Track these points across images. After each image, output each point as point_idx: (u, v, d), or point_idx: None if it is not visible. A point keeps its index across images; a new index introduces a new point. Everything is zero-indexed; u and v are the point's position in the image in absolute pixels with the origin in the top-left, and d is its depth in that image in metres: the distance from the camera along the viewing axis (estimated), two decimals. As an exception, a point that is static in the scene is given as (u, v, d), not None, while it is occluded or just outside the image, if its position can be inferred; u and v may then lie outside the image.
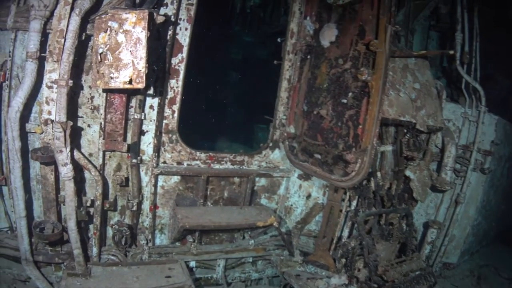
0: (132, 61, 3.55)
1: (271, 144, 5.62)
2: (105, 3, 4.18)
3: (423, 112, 4.99)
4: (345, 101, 4.64)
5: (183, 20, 4.75)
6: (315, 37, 5.23)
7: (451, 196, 6.10)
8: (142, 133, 4.74)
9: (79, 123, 4.50)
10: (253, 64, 10.24)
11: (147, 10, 3.52)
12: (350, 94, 4.59)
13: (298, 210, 5.78)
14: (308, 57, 5.34)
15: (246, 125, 9.40)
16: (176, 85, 4.87)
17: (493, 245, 8.01)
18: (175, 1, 4.55)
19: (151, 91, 4.62)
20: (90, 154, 4.60)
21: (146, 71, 3.55)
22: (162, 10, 4.51)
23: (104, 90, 4.19)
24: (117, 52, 3.55)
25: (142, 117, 4.59)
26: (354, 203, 5.30)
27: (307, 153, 5.16)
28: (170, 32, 4.57)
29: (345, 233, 5.42)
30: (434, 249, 6.18)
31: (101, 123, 4.38)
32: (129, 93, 4.36)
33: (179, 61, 4.83)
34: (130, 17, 3.51)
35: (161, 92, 4.71)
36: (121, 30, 3.52)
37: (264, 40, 10.10)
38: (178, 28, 4.73)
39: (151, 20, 3.66)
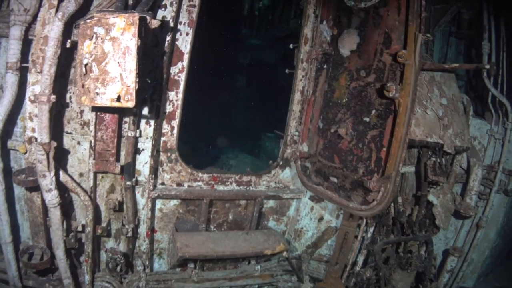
0: (121, 74, 2.90)
1: (281, 163, 4.93)
2: (95, 5, 3.54)
3: (451, 132, 4.33)
4: (367, 119, 3.97)
5: (184, 24, 4.09)
6: (333, 45, 4.52)
7: (472, 220, 5.44)
8: (137, 151, 4.11)
9: (68, 140, 3.90)
10: (261, 68, 9.61)
11: (138, 14, 2.86)
12: (373, 111, 3.92)
13: (309, 234, 5.13)
14: (325, 66, 4.61)
15: (254, 132, 8.76)
16: (175, 98, 4.20)
17: (507, 263, 7.38)
18: (174, 3, 3.89)
19: (147, 105, 3.99)
20: (81, 174, 4.00)
21: (137, 87, 2.91)
22: (160, 13, 3.88)
23: (93, 107, 3.57)
24: (103, 64, 2.91)
25: (137, 135, 3.97)
26: (371, 229, 4.66)
27: (321, 175, 4.49)
28: (168, 38, 3.91)
29: (360, 260, 4.80)
30: (452, 276, 5.55)
31: (90, 141, 3.78)
32: (121, 108, 3.73)
33: (179, 71, 4.16)
34: (118, 21, 2.85)
35: (158, 106, 4.06)
36: (108, 38, 2.87)
37: (273, 44, 9.45)
38: (178, 33, 4.08)
39: (143, 25, 3.02)
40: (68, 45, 3.40)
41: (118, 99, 2.95)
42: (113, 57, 2.90)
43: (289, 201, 5.11)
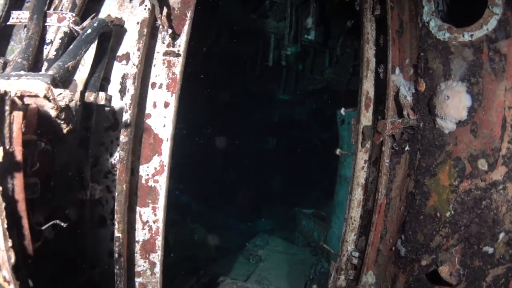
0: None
1: (330, 295, 3.00)
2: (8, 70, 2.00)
3: None
4: (490, 250, 2.10)
5: (161, 86, 2.35)
6: (420, 110, 2.48)
7: None
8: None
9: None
10: (291, 127, 7.98)
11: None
12: (501, 236, 2.06)
13: None
14: (407, 149, 2.61)
15: (286, 199, 7.05)
16: (153, 217, 2.41)
17: None
18: (136, 50, 2.21)
19: (105, 229, 2.34)
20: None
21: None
22: (119, 69, 2.25)
23: None
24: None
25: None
26: None
27: (399, 327, 2.59)
28: (128, 115, 2.17)
29: None
30: None
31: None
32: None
33: (155, 171, 2.36)
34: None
35: (119, 238, 2.26)
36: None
37: (303, 99, 7.79)
38: (149, 103, 2.35)
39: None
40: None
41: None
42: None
43: None
